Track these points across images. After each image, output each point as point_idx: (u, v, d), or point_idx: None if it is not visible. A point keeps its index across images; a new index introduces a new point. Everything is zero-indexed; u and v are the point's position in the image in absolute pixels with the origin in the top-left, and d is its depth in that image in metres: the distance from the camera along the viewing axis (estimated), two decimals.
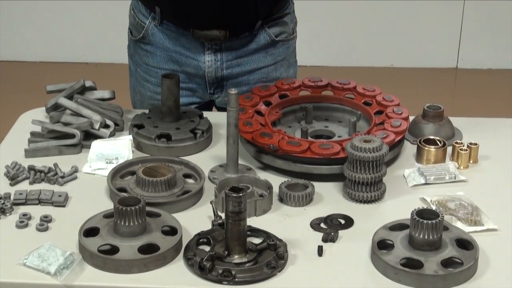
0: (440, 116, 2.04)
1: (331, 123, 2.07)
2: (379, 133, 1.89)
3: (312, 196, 1.78)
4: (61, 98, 2.06)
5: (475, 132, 2.08)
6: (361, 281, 1.53)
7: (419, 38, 4.91)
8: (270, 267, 1.55)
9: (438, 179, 1.86)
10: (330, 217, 1.72)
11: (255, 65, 2.23)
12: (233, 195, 1.52)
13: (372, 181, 1.76)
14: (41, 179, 1.84)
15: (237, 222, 1.54)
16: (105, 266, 1.55)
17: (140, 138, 1.98)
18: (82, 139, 1.97)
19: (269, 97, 2.09)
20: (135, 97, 2.35)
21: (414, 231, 1.55)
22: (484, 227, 1.69)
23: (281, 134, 1.90)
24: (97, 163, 1.90)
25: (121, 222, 1.59)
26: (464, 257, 1.55)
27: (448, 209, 1.73)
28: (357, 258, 1.60)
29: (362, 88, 2.11)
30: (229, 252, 1.56)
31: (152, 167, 1.82)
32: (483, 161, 1.96)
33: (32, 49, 4.91)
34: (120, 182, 1.82)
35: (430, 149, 1.94)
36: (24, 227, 1.67)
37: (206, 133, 2.01)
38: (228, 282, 1.52)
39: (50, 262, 1.54)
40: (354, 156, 1.75)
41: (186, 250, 1.60)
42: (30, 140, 1.99)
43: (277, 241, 1.60)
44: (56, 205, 1.75)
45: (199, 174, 1.84)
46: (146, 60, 2.24)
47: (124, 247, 1.57)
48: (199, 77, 2.21)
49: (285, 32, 2.24)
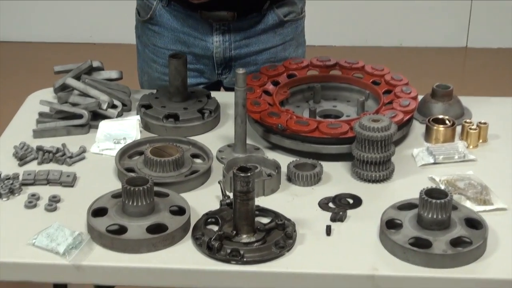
0: (449, 95, 2.03)
1: (339, 103, 2.06)
2: (388, 113, 1.88)
3: (320, 175, 1.78)
4: (69, 79, 2.06)
5: (485, 111, 2.07)
6: (370, 260, 1.53)
7: (428, 17, 4.88)
8: (278, 246, 1.55)
9: (447, 158, 1.86)
10: (338, 197, 1.72)
11: (264, 45, 2.22)
12: (241, 175, 1.52)
13: (380, 160, 1.76)
14: (50, 160, 1.84)
15: (245, 202, 1.54)
16: (114, 246, 1.55)
17: (148, 118, 1.98)
18: (90, 119, 1.97)
19: (277, 76, 2.08)
20: (143, 77, 2.34)
21: (423, 211, 1.55)
22: (494, 207, 1.68)
23: (289, 114, 1.90)
24: (105, 143, 1.90)
25: (129, 202, 1.59)
26: (473, 236, 1.55)
27: (457, 189, 1.73)
28: (366, 237, 1.59)
29: (371, 67, 2.10)
30: (237, 232, 1.56)
31: (160, 147, 1.82)
32: (492, 140, 1.95)
33: (40, 29, 4.90)
34: (128, 162, 1.82)
35: (439, 129, 1.93)
36: (33, 208, 1.68)
37: (214, 113, 2.01)
38: (236, 261, 1.52)
39: (59, 242, 1.54)
40: (362, 136, 1.75)
41: (194, 230, 1.60)
42: (38, 121, 1.99)
43: (285, 220, 1.60)
44: (64, 185, 1.75)
45: (207, 154, 1.84)
46: (154, 41, 2.24)
47: (133, 227, 1.57)
48: (207, 58, 2.21)
49: (293, 11, 2.23)
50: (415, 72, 3.89)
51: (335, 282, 1.52)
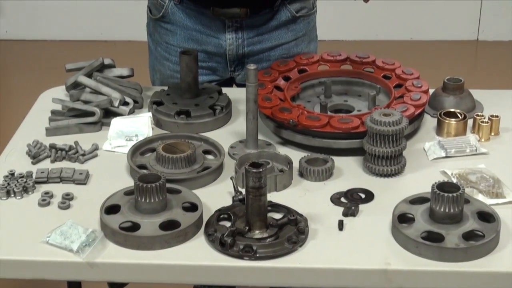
0: (460, 88, 2.03)
1: (350, 97, 2.06)
2: (399, 107, 1.88)
3: (332, 170, 1.78)
4: (81, 76, 2.07)
5: (496, 104, 2.06)
6: (382, 255, 1.53)
7: (439, 11, 4.86)
8: (291, 242, 1.55)
9: (459, 152, 1.85)
10: (350, 192, 1.72)
11: (276, 42, 2.22)
12: (253, 171, 1.52)
13: (392, 154, 1.76)
14: (62, 157, 1.85)
15: (257, 198, 1.54)
16: (127, 243, 1.56)
17: (159, 115, 1.99)
18: (102, 116, 1.98)
19: (288, 72, 2.08)
20: (154, 75, 2.34)
21: (435, 204, 1.55)
22: (506, 200, 1.68)
23: (300, 109, 1.90)
24: (117, 141, 1.91)
25: (142, 199, 1.59)
26: (485, 229, 1.54)
27: (469, 182, 1.72)
28: (378, 232, 1.59)
29: (382, 61, 2.10)
30: (250, 228, 1.56)
31: (172, 143, 1.82)
32: (504, 133, 1.95)
33: (52, 28, 4.92)
34: (140, 159, 1.83)
35: (451, 122, 1.93)
36: (46, 205, 1.69)
37: (225, 109, 2.01)
38: (249, 257, 1.52)
39: (72, 240, 1.55)
40: (374, 130, 1.75)
41: (207, 226, 1.60)
42: (51, 119, 2.00)
43: (297, 216, 1.60)
44: (77, 183, 1.76)
45: (219, 150, 1.84)
46: (166, 39, 2.24)
47: (145, 224, 1.58)
48: (220, 56, 2.21)
49: (305, 7, 2.23)
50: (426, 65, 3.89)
51: (348, 277, 1.52)
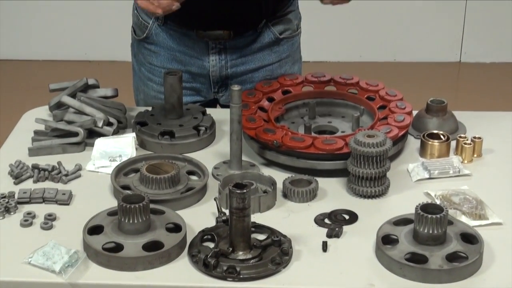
0: (443, 110, 2.04)
1: (334, 119, 2.06)
2: (383, 128, 1.88)
3: (316, 191, 1.78)
4: (64, 97, 2.06)
5: (479, 126, 2.07)
6: (366, 276, 1.53)
7: (422, 32, 4.90)
8: (274, 263, 1.55)
9: (442, 173, 1.86)
10: (334, 213, 1.72)
11: (260, 63, 2.22)
12: (237, 192, 1.52)
13: (376, 176, 1.76)
14: (45, 178, 1.84)
15: (241, 219, 1.54)
16: (110, 264, 1.55)
17: (143, 135, 1.98)
18: (86, 137, 1.97)
19: (272, 93, 2.08)
20: (138, 96, 2.34)
21: (419, 226, 1.55)
22: (489, 221, 1.68)
23: (284, 130, 1.90)
24: (100, 161, 1.90)
25: (125, 220, 1.59)
26: (469, 251, 1.55)
27: (453, 203, 1.73)
28: (362, 253, 1.59)
29: (365, 83, 2.10)
30: (234, 249, 1.56)
31: (156, 164, 1.82)
32: (487, 155, 1.96)
33: (35, 47, 4.91)
34: (123, 179, 1.82)
35: (434, 144, 1.93)
36: (29, 226, 1.68)
37: (209, 129, 2.01)
38: (233, 278, 1.52)
39: (55, 260, 1.54)
40: (357, 151, 1.75)
41: (191, 247, 1.60)
42: (34, 139, 1.99)
43: (281, 237, 1.60)
44: (60, 203, 1.75)
45: (203, 171, 1.84)
46: (150, 60, 2.24)
47: (129, 244, 1.57)
48: (203, 77, 2.21)
49: (289, 29, 2.24)
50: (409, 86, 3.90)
51: None
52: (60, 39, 4.89)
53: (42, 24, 4.87)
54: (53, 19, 4.86)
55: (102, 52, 4.86)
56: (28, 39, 4.90)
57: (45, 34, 4.89)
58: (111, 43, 4.75)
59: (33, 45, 4.91)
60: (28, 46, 4.91)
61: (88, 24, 4.85)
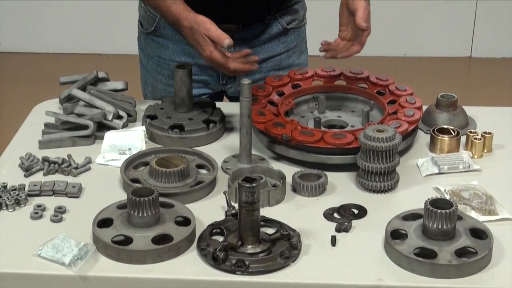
0: (454, 105, 2.03)
1: (344, 113, 2.06)
2: (393, 123, 1.88)
3: (325, 186, 1.78)
4: (74, 90, 2.07)
5: (489, 121, 2.07)
6: (375, 271, 1.53)
7: (432, 27, 4.89)
8: (283, 257, 1.55)
9: (452, 168, 1.86)
10: (343, 207, 1.72)
11: (268, 54, 2.23)
12: (246, 186, 1.52)
13: (385, 171, 1.76)
14: (55, 170, 1.85)
15: (250, 212, 1.54)
16: (119, 257, 1.55)
17: (153, 129, 1.99)
18: (96, 130, 1.98)
19: (282, 87, 2.08)
20: (146, 89, 2.34)
21: (428, 221, 1.55)
22: (499, 217, 1.68)
23: (294, 124, 1.90)
24: (110, 154, 1.91)
25: (135, 213, 1.59)
26: (478, 246, 1.55)
27: (462, 199, 1.73)
28: (371, 248, 1.59)
29: (375, 77, 2.10)
30: (243, 242, 1.56)
31: (165, 157, 1.82)
32: (497, 150, 1.95)
33: (45, 40, 4.92)
34: (133, 173, 1.83)
35: (444, 139, 1.93)
36: (39, 218, 1.68)
37: (219, 123, 2.01)
38: (241, 272, 1.52)
39: (64, 253, 1.54)
40: (367, 146, 1.75)
41: (200, 241, 1.60)
42: (44, 132, 2.00)
43: (290, 231, 1.60)
44: (70, 196, 1.76)
45: (212, 164, 1.84)
46: (159, 53, 2.24)
47: (138, 237, 1.58)
48: (212, 69, 2.21)
49: (296, 19, 2.25)
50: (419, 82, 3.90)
51: None
52: (70, 32, 4.90)
53: (53, 17, 4.87)
54: (64, 12, 4.87)
55: (112, 46, 4.86)
56: (39, 32, 4.91)
57: (55, 27, 4.89)
58: (121, 36, 4.74)
59: (44, 38, 4.92)
60: (39, 39, 4.92)
61: (98, 17, 4.86)
